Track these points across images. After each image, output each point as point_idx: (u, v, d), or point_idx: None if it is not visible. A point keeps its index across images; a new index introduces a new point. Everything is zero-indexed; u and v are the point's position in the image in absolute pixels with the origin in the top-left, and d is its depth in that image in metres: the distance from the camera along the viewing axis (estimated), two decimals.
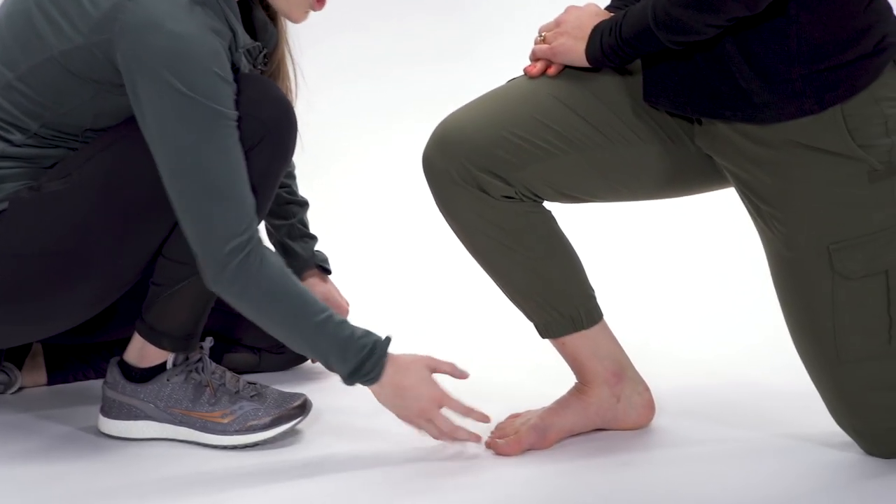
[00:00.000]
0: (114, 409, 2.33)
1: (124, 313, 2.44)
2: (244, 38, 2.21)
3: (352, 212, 3.57)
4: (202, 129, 2.12)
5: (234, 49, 2.19)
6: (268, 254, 2.18)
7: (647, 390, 2.35)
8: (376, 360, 2.21)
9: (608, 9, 2.28)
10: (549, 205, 2.28)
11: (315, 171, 2.99)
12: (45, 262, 2.22)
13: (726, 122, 2.16)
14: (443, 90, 3.37)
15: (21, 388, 2.55)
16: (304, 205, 2.66)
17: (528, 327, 2.34)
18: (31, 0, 2.19)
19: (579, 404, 2.31)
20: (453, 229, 2.28)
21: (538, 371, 2.59)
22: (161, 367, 2.33)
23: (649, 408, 2.35)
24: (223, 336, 2.55)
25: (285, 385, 2.47)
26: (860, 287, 2.13)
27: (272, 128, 2.22)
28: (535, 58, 2.26)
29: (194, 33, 2.11)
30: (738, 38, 2.10)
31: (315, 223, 2.68)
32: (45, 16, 2.17)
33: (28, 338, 2.37)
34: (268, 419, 2.31)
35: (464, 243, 2.28)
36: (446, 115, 2.26)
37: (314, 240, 2.67)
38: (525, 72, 2.27)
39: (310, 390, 2.41)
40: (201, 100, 2.11)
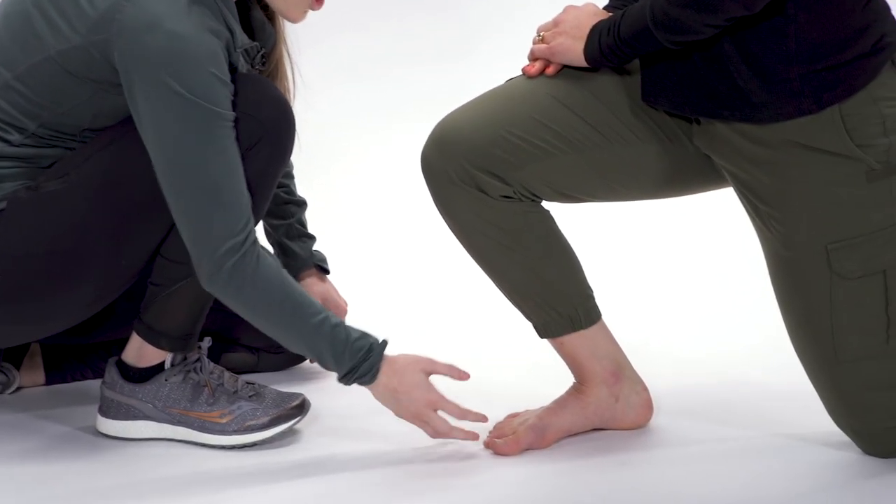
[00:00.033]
0: (112, 409, 2.33)
1: (122, 313, 2.44)
2: (242, 38, 2.21)
3: (351, 212, 3.56)
4: (199, 131, 2.12)
5: (233, 49, 2.19)
6: (264, 254, 2.17)
7: (646, 390, 2.35)
8: (371, 364, 2.21)
9: (606, 8, 2.28)
10: (547, 204, 2.28)
11: (314, 171, 2.98)
12: (43, 261, 2.22)
13: (724, 121, 2.16)
14: (441, 90, 3.37)
15: (19, 387, 2.55)
16: (302, 204, 2.66)
17: (526, 327, 2.34)
18: (29, 0, 2.19)
19: (577, 404, 2.31)
20: (451, 229, 2.27)
21: (536, 371, 2.59)
22: (159, 367, 2.33)
23: (647, 407, 2.35)
24: (221, 336, 2.55)
25: (283, 385, 2.47)
26: (858, 287, 2.13)
27: (270, 128, 2.22)
28: (533, 57, 2.26)
29: (192, 34, 2.10)
30: (737, 37, 2.10)
31: (314, 223, 2.68)
32: (43, 16, 2.17)
33: (26, 338, 2.37)
34: (266, 419, 2.31)
35: (462, 243, 2.28)
36: (445, 114, 2.26)
37: (312, 239, 2.67)
38: (523, 71, 2.27)
39: (308, 390, 2.41)
40: (198, 101, 2.10)
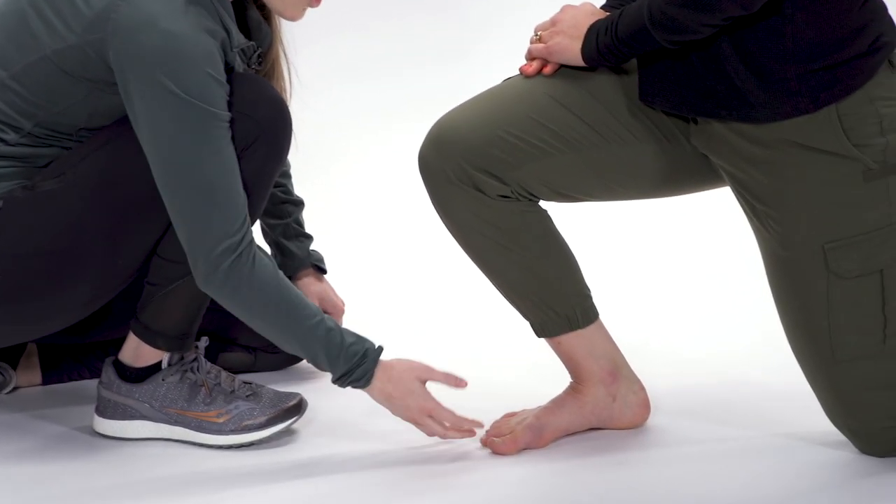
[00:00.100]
0: (109, 409, 2.33)
1: (119, 313, 2.44)
2: (238, 37, 2.21)
3: (348, 211, 3.56)
4: (194, 131, 2.11)
5: (229, 49, 2.19)
6: (260, 255, 2.17)
7: (643, 389, 2.35)
8: (366, 369, 2.21)
9: (604, 8, 2.28)
10: (545, 204, 2.28)
11: (312, 170, 2.98)
12: (40, 261, 2.21)
13: (722, 121, 2.16)
14: (439, 90, 3.36)
15: (16, 387, 2.54)
16: (299, 204, 2.65)
17: (523, 326, 2.34)
18: None
19: (575, 403, 2.31)
20: (449, 229, 2.27)
21: (534, 370, 2.59)
22: (156, 367, 2.33)
23: (645, 407, 2.35)
24: (218, 335, 2.54)
25: (281, 385, 2.47)
26: (855, 286, 2.13)
27: (267, 127, 2.22)
28: (530, 57, 2.26)
29: (188, 34, 2.10)
30: (734, 37, 2.10)
31: (311, 223, 2.68)
32: (38, 15, 2.17)
33: (23, 337, 2.36)
34: (263, 419, 2.31)
35: (460, 243, 2.28)
36: (442, 114, 2.26)
37: (310, 239, 2.66)
38: (521, 71, 2.27)
39: (305, 390, 2.41)
40: (194, 101, 2.10)
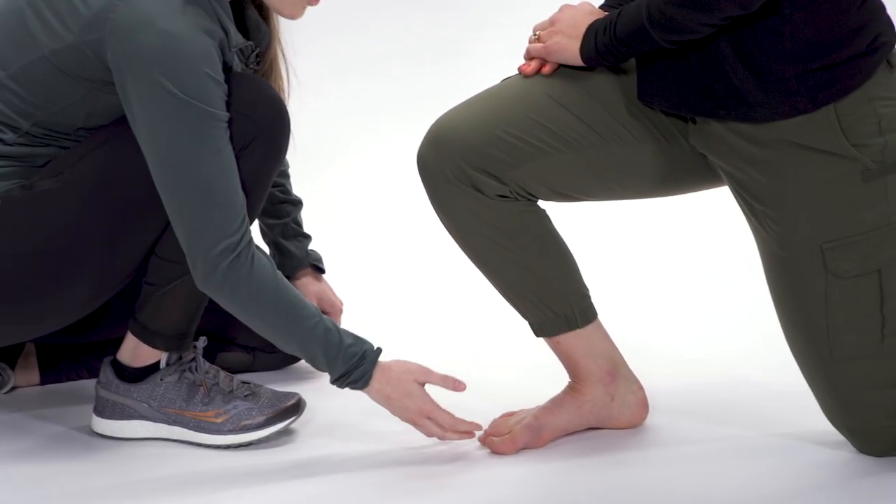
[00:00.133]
0: (107, 409, 2.33)
1: (117, 313, 2.44)
2: (237, 37, 2.21)
3: (347, 211, 3.56)
4: (192, 131, 2.11)
5: (227, 49, 2.18)
6: (259, 256, 2.17)
7: (641, 389, 2.35)
8: (364, 371, 2.21)
9: (602, 7, 2.28)
10: (544, 204, 2.28)
11: (310, 170, 2.98)
12: (38, 261, 2.21)
13: (720, 121, 2.16)
14: (438, 89, 3.36)
15: (14, 387, 2.54)
16: (297, 204, 2.65)
17: (522, 326, 2.34)
18: None
19: (573, 403, 2.31)
20: (447, 228, 2.27)
21: (532, 370, 2.59)
22: (154, 367, 2.33)
23: (643, 406, 2.35)
24: (217, 335, 2.54)
25: (279, 384, 2.47)
26: (853, 286, 2.14)
27: (265, 127, 2.21)
28: (529, 56, 2.26)
29: (186, 34, 2.10)
30: (733, 36, 2.10)
31: (310, 222, 2.68)
32: (36, 15, 2.17)
33: (20, 337, 2.36)
34: (261, 419, 2.31)
35: (458, 242, 2.27)
36: (441, 114, 2.26)
37: (308, 239, 2.66)
38: (519, 70, 2.27)
39: (304, 390, 2.41)
40: (192, 101, 2.10)
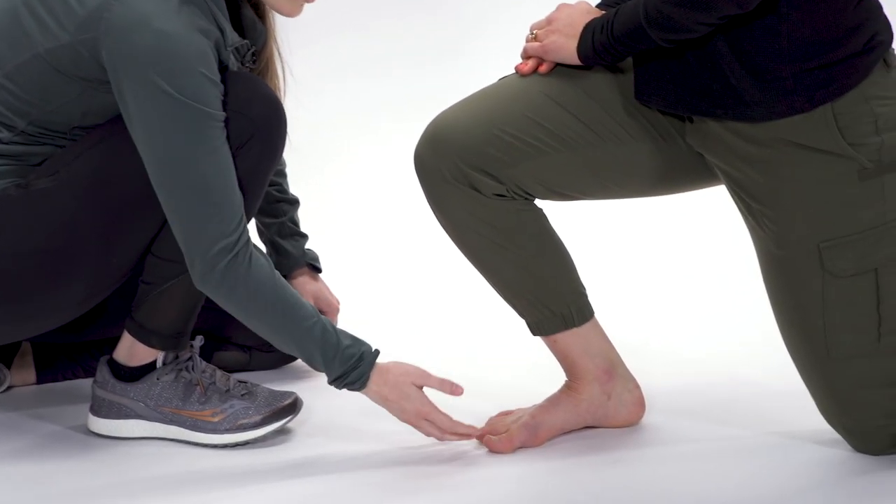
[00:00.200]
0: (103, 408, 2.33)
1: (114, 312, 2.44)
2: (232, 36, 2.20)
3: (344, 210, 3.56)
4: (189, 131, 2.11)
5: (223, 48, 2.18)
6: (257, 255, 2.17)
7: (638, 388, 2.35)
8: (361, 373, 2.20)
9: (599, 7, 2.28)
10: (541, 203, 2.28)
11: (307, 169, 2.98)
12: (34, 260, 2.21)
13: (717, 120, 2.16)
14: (435, 88, 3.36)
15: (10, 386, 2.54)
16: (294, 203, 2.65)
17: (519, 325, 2.34)
18: None
19: (570, 402, 2.31)
20: (444, 227, 2.27)
21: (529, 368, 2.59)
22: (151, 366, 2.33)
23: (640, 405, 2.35)
24: (213, 334, 2.54)
25: (276, 383, 2.47)
26: (850, 285, 2.14)
27: (261, 126, 2.21)
28: (526, 56, 2.26)
29: (181, 33, 2.10)
30: (730, 36, 2.10)
31: (307, 222, 2.68)
32: (31, 13, 2.17)
33: (17, 336, 2.36)
34: (258, 418, 2.30)
35: (455, 241, 2.27)
36: (438, 113, 2.25)
37: (305, 238, 2.66)
38: (516, 70, 2.27)
39: (300, 389, 2.41)
40: (187, 101, 2.10)
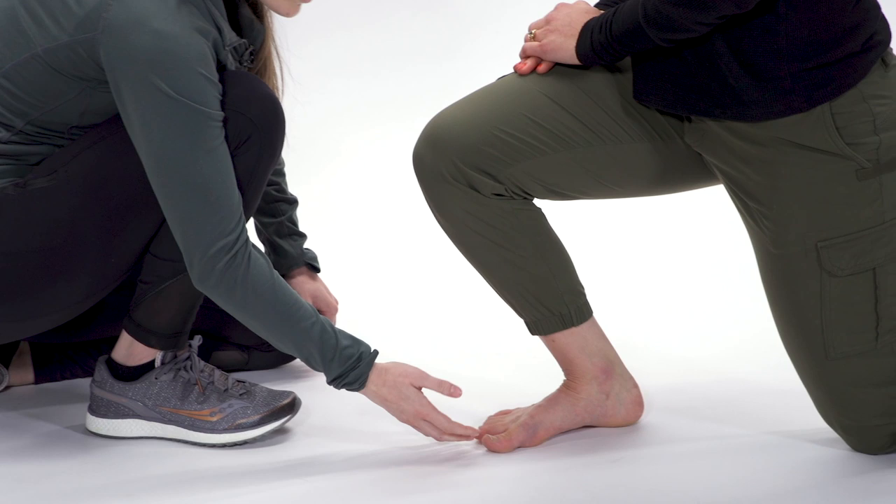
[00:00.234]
0: (102, 408, 2.33)
1: (112, 311, 2.44)
2: (230, 35, 2.20)
3: (342, 210, 3.56)
4: (187, 131, 2.11)
5: (221, 47, 2.18)
6: (255, 255, 2.17)
7: (636, 387, 2.35)
8: (359, 373, 2.21)
9: (598, 6, 2.28)
10: (539, 202, 2.28)
11: (306, 169, 2.98)
12: (32, 259, 2.21)
13: (716, 119, 2.16)
14: (433, 87, 3.37)
15: (8, 386, 2.54)
16: (293, 202, 2.65)
17: (517, 324, 2.34)
18: None
19: (568, 401, 2.31)
20: (443, 227, 2.27)
21: (527, 368, 2.59)
22: (149, 366, 2.33)
23: (638, 404, 2.35)
24: (212, 334, 2.54)
25: (274, 383, 2.47)
26: (848, 284, 2.14)
27: (260, 125, 2.21)
28: (524, 55, 2.26)
29: (179, 33, 2.09)
30: (728, 35, 2.10)
31: (306, 221, 2.68)
32: (30, 13, 2.16)
33: (15, 335, 2.35)
34: (256, 417, 2.30)
35: (453, 241, 2.27)
36: (437, 112, 2.25)
37: (303, 237, 2.66)
38: (515, 69, 2.26)
39: (299, 388, 2.41)
40: (186, 101, 2.09)
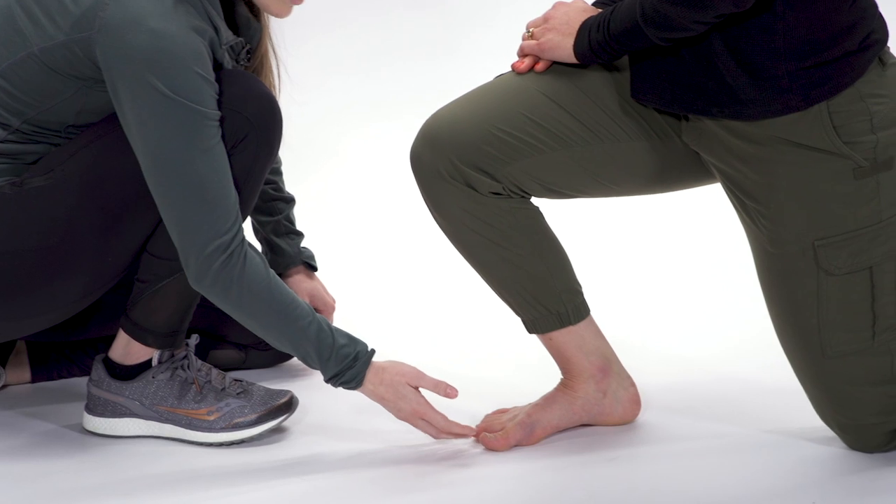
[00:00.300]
0: (99, 407, 2.32)
1: (109, 310, 2.44)
2: (227, 34, 2.20)
3: (339, 209, 3.56)
4: (184, 131, 2.10)
5: (217, 46, 2.18)
6: (252, 254, 2.17)
7: (633, 385, 2.35)
8: (356, 372, 2.21)
9: (596, 5, 2.28)
10: (537, 201, 2.28)
11: (303, 168, 2.98)
12: (29, 258, 2.21)
13: (713, 118, 2.16)
14: (431, 86, 3.37)
15: (5, 385, 2.54)
16: (290, 201, 2.65)
17: (514, 323, 2.34)
18: None
19: (565, 399, 2.32)
20: (440, 225, 2.27)
21: (525, 366, 2.59)
22: (146, 365, 2.32)
23: (635, 403, 2.35)
24: (209, 333, 2.54)
25: (271, 382, 2.47)
26: (845, 283, 2.14)
27: (257, 123, 2.21)
28: (522, 54, 2.26)
29: (175, 33, 2.09)
30: (726, 34, 2.10)
31: (303, 220, 2.68)
32: (26, 12, 2.16)
33: (11, 334, 2.35)
34: (254, 416, 2.30)
35: (451, 239, 2.27)
36: (434, 111, 2.25)
37: (300, 236, 2.66)
38: (513, 68, 2.26)
39: (296, 387, 2.41)
40: (182, 101, 2.09)
